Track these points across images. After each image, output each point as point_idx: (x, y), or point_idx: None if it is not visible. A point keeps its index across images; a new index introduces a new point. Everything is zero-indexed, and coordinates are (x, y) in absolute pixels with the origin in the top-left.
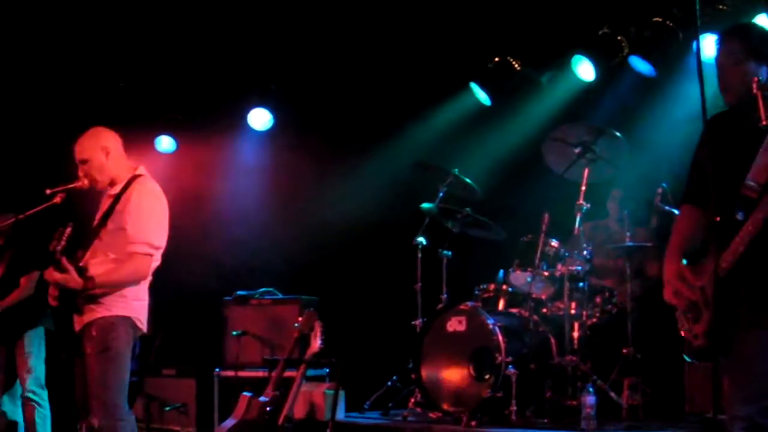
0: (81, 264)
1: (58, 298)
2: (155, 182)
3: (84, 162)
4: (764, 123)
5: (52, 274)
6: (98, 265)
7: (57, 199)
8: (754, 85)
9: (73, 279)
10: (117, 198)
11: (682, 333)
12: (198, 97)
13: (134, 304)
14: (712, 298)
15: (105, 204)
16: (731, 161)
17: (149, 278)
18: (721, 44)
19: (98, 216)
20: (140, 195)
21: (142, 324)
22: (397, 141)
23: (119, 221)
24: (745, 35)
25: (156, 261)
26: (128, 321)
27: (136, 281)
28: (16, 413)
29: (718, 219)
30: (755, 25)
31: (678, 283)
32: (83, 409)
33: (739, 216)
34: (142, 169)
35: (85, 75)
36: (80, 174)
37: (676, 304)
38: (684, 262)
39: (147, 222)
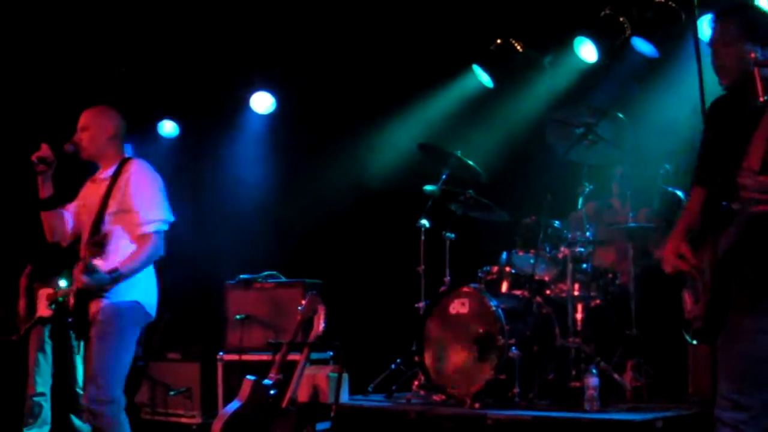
0: (82, 255)
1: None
2: (147, 162)
3: (83, 129)
4: (762, 99)
5: (80, 278)
6: (112, 252)
7: (42, 167)
8: (752, 61)
9: (99, 277)
10: (113, 180)
11: (686, 315)
12: (200, 81)
13: (141, 288)
14: (710, 283)
15: (99, 189)
16: (729, 146)
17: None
18: (716, 25)
19: (96, 203)
20: (139, 174)
21: (152, 308)
22: (400, 124)
23: (123, 204)
24: (740, 16)
25: None
26: (137, 306)
27: (154, 259)
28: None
29: (715, 205)
30: (751, 6)
31: (675, 260)
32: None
33: (735, 205)
34: (131, 152)
35: (87, 59)
36: (74, 138)
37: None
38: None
39: (153, 199)
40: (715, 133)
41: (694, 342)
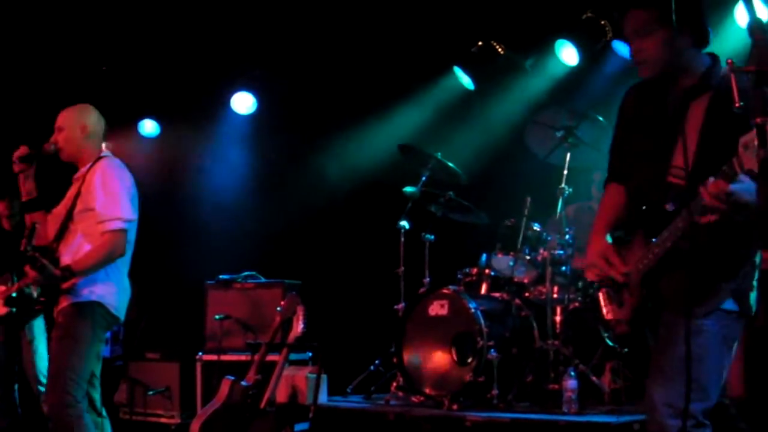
0: (56, 255)
1: (41, 294)
2: (119, 160)
3: (60, 129)
4: (737, 105)
5: (28, 273)
6: (73, 251)
7: (22, 167)
8: (728, 67)
9: (48, 274)
10: (83, 180)
11: (605, 317)
12: (182, 80)
13: (104, 289)
14: (638, 287)
15: (73, 189)
16: (651, 139)
17: (127, 261)
18: (629, 16)
19: (68, 203)
20: (103, 172)
21: (116, 309)
22: (380, 125)
23: (86, 202)
24: (649, 3)
25: (131, 237)
26: (97, 306)
27: (113, 260)
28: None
29: (644, 206)
30: None
31: (602, 263)
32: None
33: (669, 207)
34: (106, 151)
35: (67, 58)
36: (51, 139)
37: (597, 283)
38: (609, 241)
39: (114, 197)
40: (634, 123)
41: (615, 346)
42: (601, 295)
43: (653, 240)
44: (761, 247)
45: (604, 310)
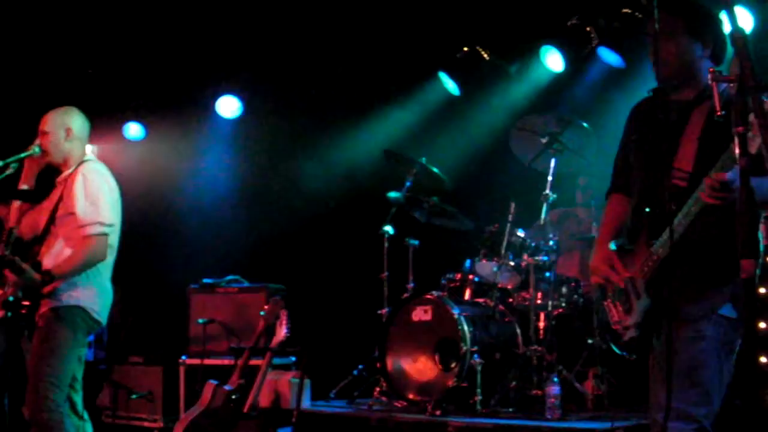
0: (38, 259)
1: (23, 298)
2: (102, 164)
3: (44, 133)
4: (719, 114)
5: (8, 277)
6: (54, 255)
7: (9, 169)
8: (710, 76)
9: (28, 278)
10: (66, 184)
11: (613, 325)
12: (167, 84)
13: (86, 293)
14: (644, 290)
15: (56, 192)
16: (655, 147)
17: (110, 266)
18: (660, 16)
19: (50, 205)
20: (85, 177)
21: (97, 313)
22: (365, 130)
23: (68, 206)
24: (683, 10)
25: (113, 241)
26: (78, 311)
27: (94, 264)
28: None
29: (648, 209)
30: (691, 2)
31: (607, 270)
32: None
33: (671, 207)
34: (90, 155)
35: (53, 61)
36: (36, 142)
37: (602, 290)
38: (613, 248)
39: (95, 201)
40: (638, 135)
41: (624, 354)
42: (607, 305)
43: (655, 242)
44: (741, 256)
45: (612, 318)
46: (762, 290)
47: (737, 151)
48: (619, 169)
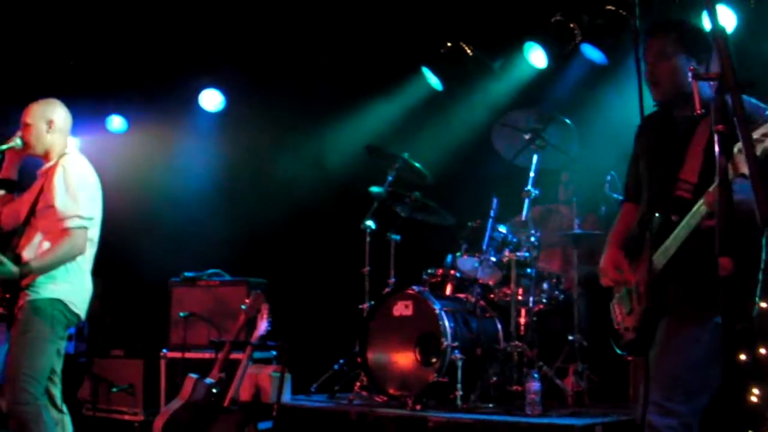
0: (18, 251)
1: (4, 290)
2: (83, 157)
3: (26, 125)
4: (698, 112)
5: None
6: (33, 248)
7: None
8: (690, 74)
9: (7, 270)
10: (47, 176)
11: (615, 326)
12: (149, 77)
13: (65, 287)
14: (645, 295)
15: (37, 184)
16: (662, 159)
17: (90, 259)
18: (651, 39)
19: (31, 197)
20: (65, 170)
21: (76, 307)
22: (348, 124)
23: (47, 199)
24: (677, 30)
25: (93, 235)
26: (57, 304)
27: (73, 257)
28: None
29: (650, 216)
30: (685, 21)
31: (614, 272)
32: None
33: (674, 218)
34: (71, 147)
35: (35, 53)
36: (18, 134)
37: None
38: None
39: (74, 195)
40: (647, 147)
41: (624, 354)
42: (612, 306)
43: (659, 249)
44: (718, 255)
45: (615, 319)
46: (763, 305)
47: (717, 149)
48: (631, 179)
